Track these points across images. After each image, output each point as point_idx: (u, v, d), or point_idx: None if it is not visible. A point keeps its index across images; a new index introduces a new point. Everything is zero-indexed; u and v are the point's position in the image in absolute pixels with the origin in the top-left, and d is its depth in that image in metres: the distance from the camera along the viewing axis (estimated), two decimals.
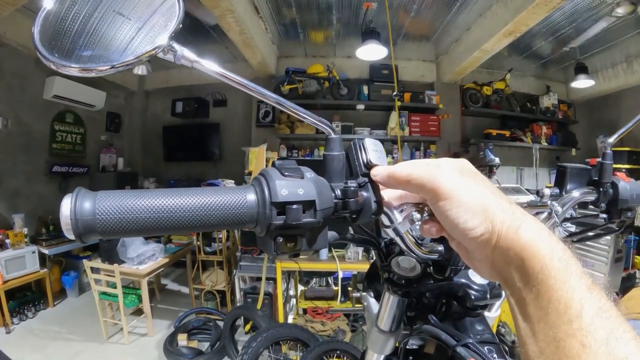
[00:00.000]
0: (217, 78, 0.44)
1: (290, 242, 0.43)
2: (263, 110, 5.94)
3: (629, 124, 0.82)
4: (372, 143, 0.49)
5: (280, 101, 0.48)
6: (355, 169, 0.48)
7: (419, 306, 0.70)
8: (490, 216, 0.38)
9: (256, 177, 0.44)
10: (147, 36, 0.42)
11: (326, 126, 0.49)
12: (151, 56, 0.41)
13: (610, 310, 0.33)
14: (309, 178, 0.44)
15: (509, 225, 0.38)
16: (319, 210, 0.43)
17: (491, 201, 0.39)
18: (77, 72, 0.40)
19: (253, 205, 0.42)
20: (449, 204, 0.40)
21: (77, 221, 0.36)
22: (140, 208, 0.38)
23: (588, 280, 0.34)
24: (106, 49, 0.42)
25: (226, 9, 3.64)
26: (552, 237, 0.37)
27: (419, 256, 0.55)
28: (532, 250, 0.36)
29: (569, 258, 0.35)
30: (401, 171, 0.44)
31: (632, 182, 0.82)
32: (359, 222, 0.48)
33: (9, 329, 3.78)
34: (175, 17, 0.43)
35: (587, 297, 0.33)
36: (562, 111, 6.38)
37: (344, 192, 0.46)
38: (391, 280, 0.65)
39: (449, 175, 0.41)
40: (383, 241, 0.66)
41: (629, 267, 4.57)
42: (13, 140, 4.57)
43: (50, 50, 0.40)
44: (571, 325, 0.32)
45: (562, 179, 0.85)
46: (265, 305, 3.59)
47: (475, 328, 0.65)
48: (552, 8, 3.53)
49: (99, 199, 0.38)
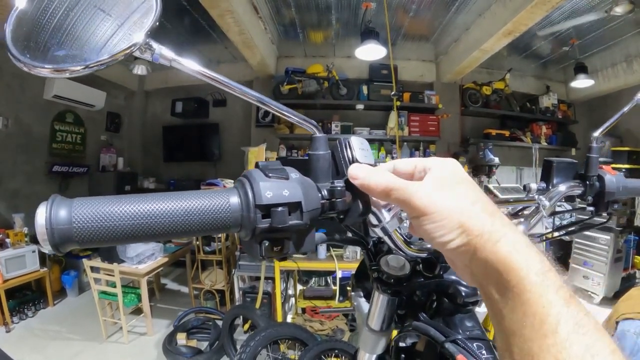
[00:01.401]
0: (196, 77, 0.43)
1: (277, 246, 0.42)
2: (262, 110, 5.92)
3: (615, 117, 0.83)
4: (358, 141, 0.48)
5: (262, 100, 0.46)
6: (341, 168, 0.47)
7: (409, 304, 0.70)
8: (467, 230, 0.38)
9: (239, 179, 0.43)
10: (126, 35, 0.40)
11: (311, 125, 0.48)
12: (127, 55, 0.39)
13: (587, 325, 0.32)
14: (295, 179, 0.43)
15: (487, 238, 0.37)
16: (305, 212, 0.41)
17: (469, 215, 0.38)
18: (49, 73, 0.38)
19: (237, 208, 0.40)
20: (424, 220, 0.40)
21: (52, 230, 0.35)
22: (118, 215, 0.37)
23: (566, 293, 0.34)
24: (81, 48, 0.40)
25: (225, 9, 3.65)
26: (530, 250, 0.37)
27: (408, 255, 0.55)
28: (508, 264, 0.35)
29: (547, 271, 0.35)
30: (378, 182, 0.43)
31: (617, 175, 0.83)
32: (346, 223, 0.48)
33: (9, 328, 3.78)
34: (153, 14, 0.41)
35: (563, 311, 0.33)
36: (561, 111, 6.38)
37: (330, 192, 0.45)
38: (380, 279, 0.64)
39: (425, 191, 0.40)
40: (371, 240, 0.66)
41: (628, 267, 4.57)
42: (13, 140, 4.58)
43: (22, 51, 0.38)
44: (546, 340, 0.32)
45: (548, 173, 0.86)
46: (264, 305, 3.59)
47: (465, 324, 0.65)
48: (551, 8, 3.53)
49: (75, 207, 0.36)
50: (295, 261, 3.22)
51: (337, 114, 5.87)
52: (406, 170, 0.46)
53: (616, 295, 4.21)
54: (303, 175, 0.45)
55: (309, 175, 0.46)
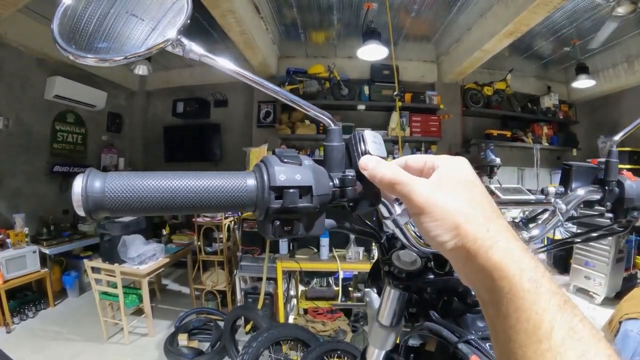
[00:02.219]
0: (228, 73, 0.47)
1: (287, 226, 0.45)
2: (264, 111, 5.95)
3: (635, 123, 0.81)
4: (371, 135, 0.50)
5: (287, 95, 0.50)
6: (354, 160, 0.49)
7: (420, 302, 0.70)
8: (462, 233, 0.38)
9: (257, 164, 0.46)
10: (159, 32, 0.45)
11: (327, 118, 0.51)
12: (161, 49, 0.44)
13: (582, 330, 0.32)
14: (307, 165, 0.45)
15: (480, 244, 0.37)
16: (315, 196, 0.44)
17: (465, 217, 0.38)
18: (94, 62, 0.44)
19: (253, 189, 0.43)
20: (423, 218, 0.40)
21: (87, 198, 0.39)
22: (146, 188, 0.41)
23: (560, 299, 0.34)
24: (118, 42, 0.45)
25: (227, 10, 3.65)
26: (524, 255, 0.36)
27: (420, 250, 0.55)
28: (501, 271, 0.35)
29: (541, 277, 0.35)
30: (384, 174, 0.44)
31: (638, 181, 0.81)
32: (357, 212, 0.50)
33: (10, 329, 3.77)
34: (184, 13, 0.46)
35: (557, 317, 0.33)
36: (563, 111, 6.38)
37: (341, 180, 0.47)
38: (392, 273, 0.65)
39: (426, 189, 0.41)
40: (385, 235, 0.66)
41: (630, 268, 4.57)
42: (14, 140, 4.57)
43: (68, 42, 0.44)
44: (540, 345, 0.32)
45: (567, 177, 0.85)
46: (266, 306, 3.59)
47: (476, 324, 0.65)
48: (553, 8, 3.53)
49: (109, 179, 0.40)
50: (298, 262, 3.22)
51: (339, 114, 5.88)
52: (416, 166, 0.47)
53: (618, 295, 4.21)
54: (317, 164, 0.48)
55: (324, 165, 0.49)
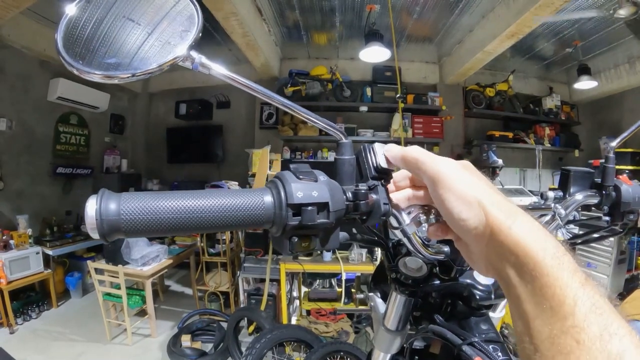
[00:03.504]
0: (237, 87, 0.46)
1: (305, 242, 0.45)
2: (266, 112, 5.96)
3: (632, 127, 0.83)
4: (381, 147, 0.51)
5: (295, 108, 0.49)
6: (365, 172, 0.50)
7: (425, 306, 0.71)
8: (484, 210, 0.39)
9: (272, 180, 0.46)
10: (168, 45, 0.44)
11: (338, 131, 0.51)
12: (171, 65, 0.43)
13: (603, 306, 0.33)
14: (323, 181, 0.45)
15: (502, 220, 0.38)
16: (332, 212, 0.44)
17: (486, 195, 0.40)
18: (100, 79, 0.42)
19: (270, 206, 0.43)
20: (446, 192, 0.42)
21: (102, 221, 0.38)
22: (163, 209, 0.40)
23: (581, 276, 0.34)
24: (128, 57, 0.43)
25: (230, 12, 3.66)
26: (545, 234, 0.37)
27: (426, 257, 0.56)
28: (525, 247, 0.36)
29: (563, 255, 0.36)
30: (411, 153, 0.47)
31: (634, 185, 0.83)
32: (368, 224, 0.50)
33: (13, 329, 3.79)
34: (195, 27, 0.45)
35: (580, 293, 0.33)
36: (565, 112, 6.37)
37: (355, 194, 0.47)
38: (398, 280, 0.66)
39: (451, 165, 0.44)
40: (391, 242, 0.67)
41: (632, 269, 4.55)
42: (17, 141, 4.59)
43: (74, 57, 0.42)
44: (565, 322, 0.32)
45: (565, 181, 0.86)
46: (269, 307, 3.59)
47: (480, 327, 0.65)
48: (555, 10, 3.53)
49: (124, 200, 0.39)
50: (301, 263, 3.23)
51: (341, 115, 5.89)
52: None
53: (620, 297, 4.20)
54: (329, 178, 0.48)
55: (335, 178, 0.49)
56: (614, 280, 4.32)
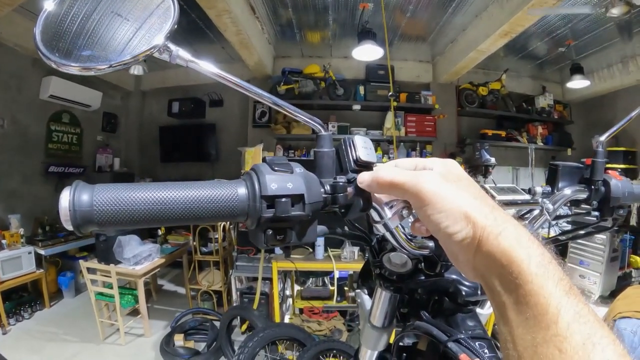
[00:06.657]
0: (213, 78, 0.46)
1: (280, 235, 0.44)
2: (259, 111, 5.95)
3: (621, 122, 0.83)
4: (361, 140, 0.50)
5: (274, 101, 0.49)
6: (345, 165, 0.50)
7: (411, 303, 0.70)
8: (472, 222, 0.39)
9: (247, 172, 0.46)
10: (144, 37, 0.44)
11: (317, 124, 0.51)
12: (147, 56, 0.43)
13: (587, 315, 0.33)
14: (299, 173, 0.45)
15: (490, 231, 0.38)
16: (307, 204, 0.44)
17: (473, 207, 0.40)
18: (77, 71, 0.42)
19: (244, 198, 0.43)
20: (431, 210, 0.41)
21: (75, 212, 0.38)
22: (135, 200, 0.40)
23: (566, 284, 0.35)
24: (104, 49, 0.43)
25: (223, 10, 3.65)
26: (531, 242, 0.37)
27: (410, 252, 0.56)
28: (510, 256, 0.36)
29: (548, 263, 0.36)
30: (384, 177, 0.45)
31: (623, 180, 0.83)
32: (348, 217, 0.50)
33: (5, 330, 3.76)
34: (171, 18, 0.44)
35: (564, 302, 0.33)
36: (557, 111, 6.41)
37: (333, 187, 0.47)
38: (383, 275, 0.66)
39: (432, 181, 0.42)
40: (375, 238, 0.67)
41: (624, 266, 4.59)
42: (9, 140, 4.56)
43: (51, 50, 0.42)
44: (548, 330, 0.32)
45: (554, 177, 0.86)
46: (262, 305, 3.59)
47: (466, 324, 0.65)
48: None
49: (97, 192, 0.39)
50: (293, 261, 3.22)
51: (334, 114, 5.89)
52: (407, 168, 0.47)
53: (612, 294, 4.23)
54: (308, 171, 0.47)
55: (314, 171, 0.49)
56: (606, 278, 4.35)
